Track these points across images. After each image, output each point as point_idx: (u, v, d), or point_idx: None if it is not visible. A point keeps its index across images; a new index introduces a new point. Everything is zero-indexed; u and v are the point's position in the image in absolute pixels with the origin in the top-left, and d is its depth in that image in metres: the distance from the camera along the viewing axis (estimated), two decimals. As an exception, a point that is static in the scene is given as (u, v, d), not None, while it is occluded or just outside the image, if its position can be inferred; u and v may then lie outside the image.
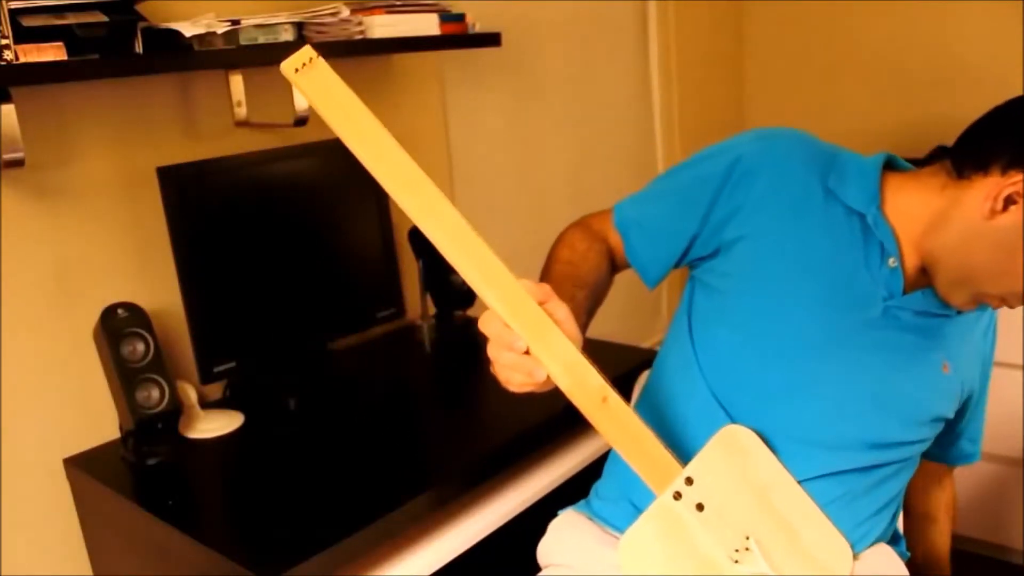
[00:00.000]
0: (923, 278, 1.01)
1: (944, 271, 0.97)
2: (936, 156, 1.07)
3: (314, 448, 1.34)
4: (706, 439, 0.95)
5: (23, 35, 1.11)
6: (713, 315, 1.05)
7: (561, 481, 1.37)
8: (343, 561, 1.08)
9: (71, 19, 1.16)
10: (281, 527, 1.12)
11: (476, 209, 2.02)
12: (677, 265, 1.09)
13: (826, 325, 0.99)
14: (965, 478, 2.04)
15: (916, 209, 0.99)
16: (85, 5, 1.18)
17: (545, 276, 1.04)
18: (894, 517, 1.07)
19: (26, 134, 1.22)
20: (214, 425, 1.41)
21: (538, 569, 1.16)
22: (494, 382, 1.16)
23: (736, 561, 0.92)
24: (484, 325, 0.84)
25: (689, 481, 0.93)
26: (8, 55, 1.10)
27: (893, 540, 1.08)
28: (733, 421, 0.99)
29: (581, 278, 1.03)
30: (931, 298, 1.00)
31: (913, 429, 1.02)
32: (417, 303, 1.78)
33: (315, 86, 0.83)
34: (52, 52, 1.13)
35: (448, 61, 1.92)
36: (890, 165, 1.05)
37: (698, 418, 1.02)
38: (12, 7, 1.11)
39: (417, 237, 1.71)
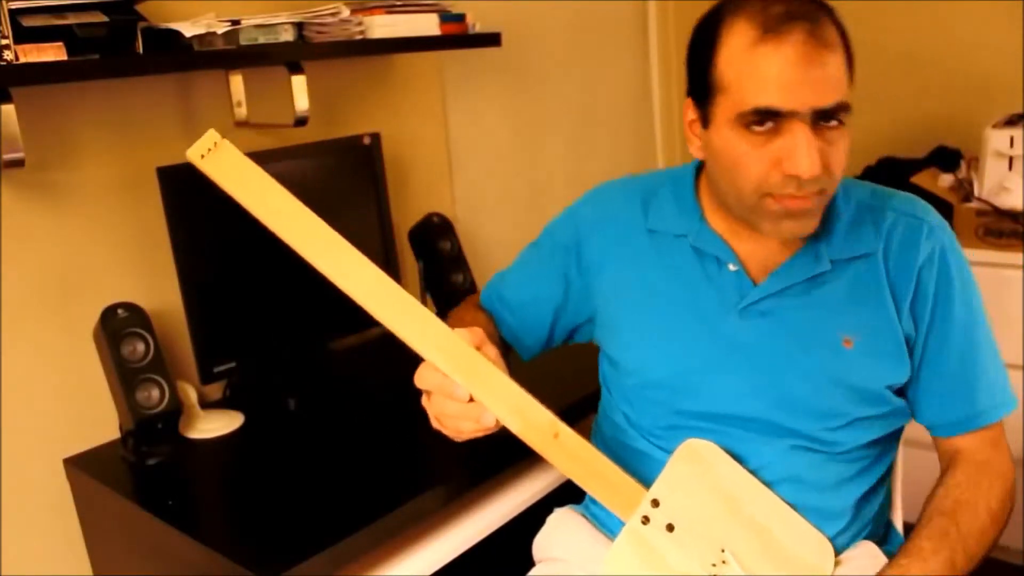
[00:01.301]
0: (776, 256, 0.99)
1: (729, 209, 0.98)
2: (936, 156, 1.08)
3: (314, 448, 1.34)
4: (659, 467, 0.95)
5: (23, 35, 1.11)
6: (609, 371, 1.11)
7: (561, 481, 1.37)
8: (343, 561, 1.08)
9: (71, 19, 1.16)
10: (281, 527, 1.12)
11: (476, 209, 2.03)
12: (557, 336, 1.16)
13: (696, 350, 1.00)
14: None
15: None
16: (85, 5, 1.18)
17: None
18: (879, 514, 1.05)
19: (26, 134, 1.22)
20: (214, 425, 1.41)
21: (534, 564, 1.17)
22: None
23: (715, 575, 0.91)
24: (421, 380, 0.85)
25: (655, 503, 0.93)
26: (8, 55, 1.10)
27: (886, 539, 1.07)
28: (663, 450, 1.00)
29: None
30: (784, 273, 0.98)
31: (833, 414, 0.97)
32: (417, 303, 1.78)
33: (222, 169, 0.84)
34: (52, 52, 1.13)
35: (448, 61, 1.92)
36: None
37: (638, 455, 1.06)
38: (12, 7, 1.11)
39: (417, 237, 1.71)
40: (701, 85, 0.93)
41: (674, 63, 2.52)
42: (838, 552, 0.97)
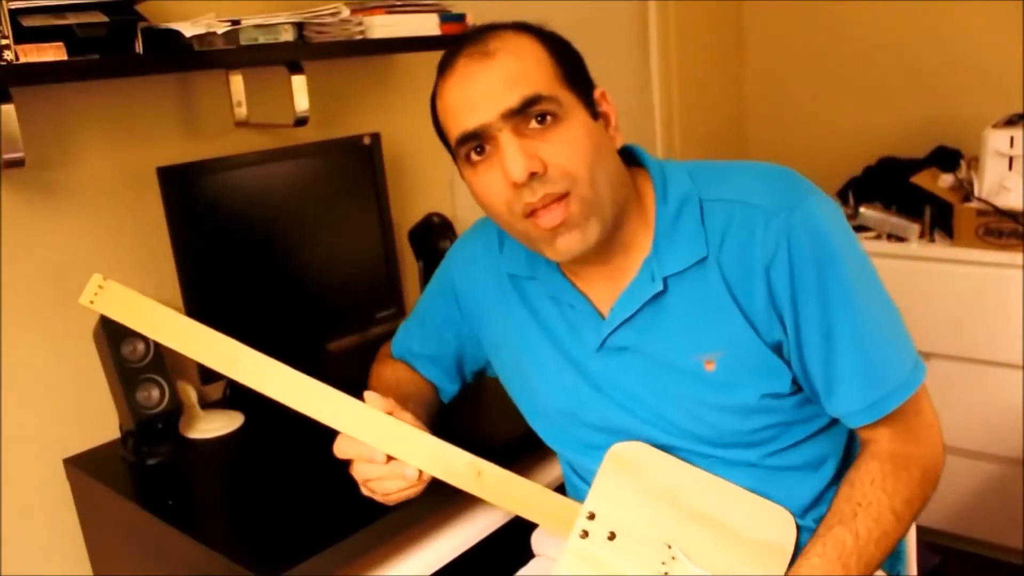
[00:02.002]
0: (618, 286, 0.95)
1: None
2: (936, 156, 1.06)
3: (314, 448, 1.33)
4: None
5: (23, 35, 1.11)
6: (519, 405, 1.11)
7: (561, 481, 1.37)
8: (343, 561, 1.08)
9: (71, 19, 1.16)
10: (281, 527, 1.12)
11: (476, 209, 2.02)
12: (468, 377, 1.19)
13: (571, 390, 1.00)
14: (965, 478, 2.05)
15: None
16: (85, 5, 1.18)
17: None
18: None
19: (26, 134, 1.22)
20: (214, 425, 1.41)
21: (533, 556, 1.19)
22: (494, 381, 1.17)
23: (666, 573, 0.91)
24: (339, 450, 0.92)
25: (591, 516, 0.93)
26: (8, 55, 1.10)
27: None
28: (586, 482, 0.99)
29: (403, 394, 1.08)
30: (622, 304, 0.94)
31: (722, 435, 0.94)
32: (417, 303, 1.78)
33: (114, 306, 0.92)
34: (52, 52, 1.13)
35: (448, 61, 1.92)
36: None
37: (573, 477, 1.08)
38: (12, 7, 1.11)
39: (417, 237, 1.71)
40: (448, 146, 0.95)
41: (674, 63, 2.51)
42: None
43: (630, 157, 0.99)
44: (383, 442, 0.90)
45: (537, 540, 1.19)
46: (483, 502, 1.29)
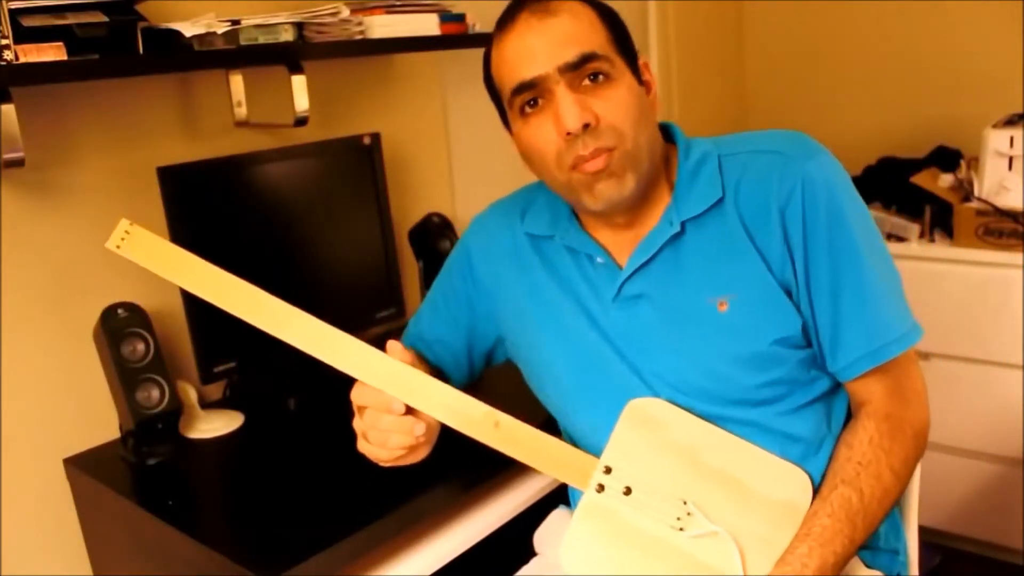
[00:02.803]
0: (638, 238, 0.99)
1: (566, 200, 1.02)
2: (936, 156, 1.07)
3: (314, 448, 1.34)
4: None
5: (23, 35, 1.11)
6: (532, 381, 1.11)
7: (560, 483, 1.37)
8: (343, 561, 1.08)
9: (71, 19, 1.16)
10: (281, 527, 1.12)
11: (476, 209, 2.02)
12: (476, 364, 1.17)
13: (587, 348, 1.01)
14: (965, 478, 2.05)
15: None
16: (85, 5, 1.18)
17: None
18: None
19: (26, 134, 1.22)
20: (214, 425, 1.41)
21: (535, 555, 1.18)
22: (495, 382, 1.17)
23: (681, 529, 0.91)
24: (358, 396, 0.93)
25: (608, 470, 0.93)
26: (8, 55, 1.10)
27: None
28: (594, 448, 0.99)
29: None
30: (640, 250, 0.98)
31: (726, 388, 0.95)
32: (417, 303, 1.78)
33: (141, 252, 0.93)
34: (52, 52, 1.13)
35: (448, 61, 1.92)
36: None
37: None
38: (12, 7, 1.11)
39: (417, 237, 1.71)
40: (496, 101, 1.01)
41: (674, 63, 2.52)
42: None
43: (663, 133, 1.04)
44: (402, 391, 0.90)
45: (539, 539, 1.19)
46: (480, 503, 1.29)
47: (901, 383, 0.98)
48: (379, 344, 1.33)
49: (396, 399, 0.90)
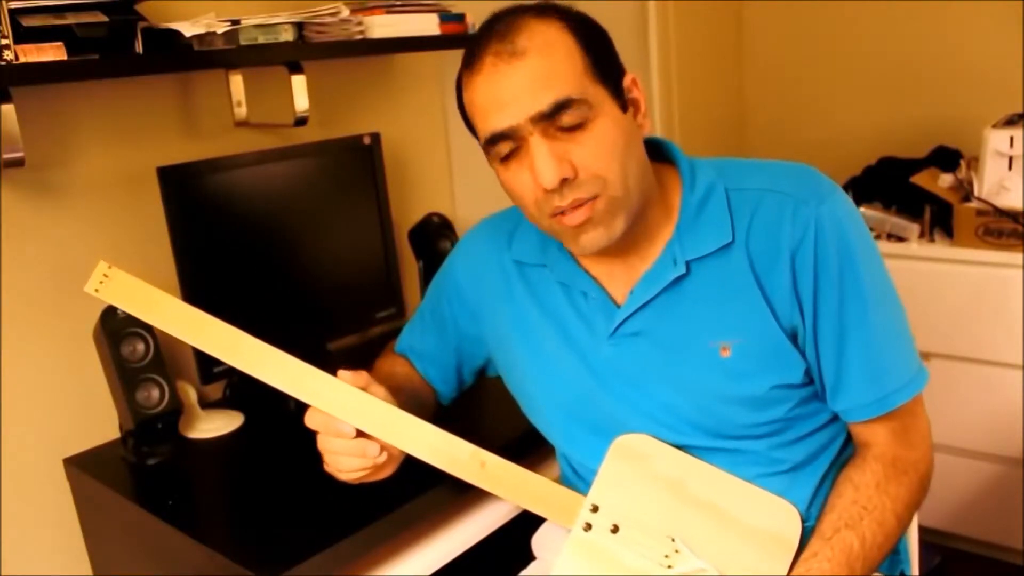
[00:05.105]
0: (636, 272, 0.95)
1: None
2: (936, 156, 1.06)
3: (314, 448, 1.33)
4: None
5: (23, 35, 1.11)
6: (520, 404, 1.10)
7: (561, 482, 1.37)
8: (343, 561, 1.08)
9: (71, 19, 1.16)
10: (281, 527, 1.12)
11: (476, 209, 2.02)
12: (466, 378, 1.17)
13: (577, 382, 0.99)
14: (965, 478, 2.05)
15: None
16: (85, 5, 1.18)
17: None
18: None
19: (26, 134, 1.22)
20: (214, 425, 1.41)
21: (534, 559, 1.18)
22: (494, 381, 1.17)
23: (669, 566, 0.90)
24: (309, 420, 0.93)
25: (595, 508, 0.93)
26: (8, 55, 1.10)
27: None
28: (584, 481, 0.99)
29: (395, 386, 1.06)
30: (642, 288, 0.94)
31: (723, 427, 0.93)
32: (417, 303, 1.77)
33: (120, 294, 0.93)
34: (52, 52, 1.13)
35: (448, 61, 1.92)
36: None
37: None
38: (12, 7, 1.11)
39: (417, 237, 1.71)
40: (473, 132, 0.94)
41: (674, 63, 2.51)
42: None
43: (656, 150, 0.99)
44: (388, 434, 0.90)
45: (538, 542, 1.19)
46: (480, 503, 1.29)
47: (907, 426, 0.96)
48: (380, 344, 1.33)
49: (345, 423, 0.90)
